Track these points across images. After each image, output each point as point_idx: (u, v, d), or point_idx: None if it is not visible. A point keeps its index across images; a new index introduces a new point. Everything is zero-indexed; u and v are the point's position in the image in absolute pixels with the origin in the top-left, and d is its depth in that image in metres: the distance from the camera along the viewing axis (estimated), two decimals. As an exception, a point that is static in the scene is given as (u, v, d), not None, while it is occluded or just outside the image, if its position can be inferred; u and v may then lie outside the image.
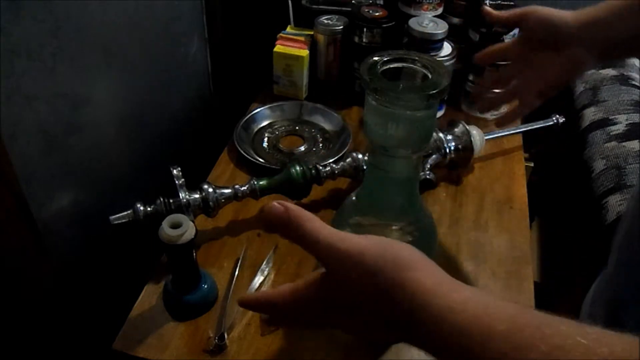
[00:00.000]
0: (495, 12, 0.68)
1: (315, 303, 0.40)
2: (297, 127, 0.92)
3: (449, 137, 0.80)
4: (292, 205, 0.39)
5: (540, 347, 0.30)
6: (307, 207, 0.45)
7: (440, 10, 0.97)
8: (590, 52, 0.60)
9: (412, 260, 0.37)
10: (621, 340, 0.29)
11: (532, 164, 1.09)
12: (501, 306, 0.34)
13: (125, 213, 0.63)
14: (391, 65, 0.52)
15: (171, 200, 0.65)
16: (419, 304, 0.35)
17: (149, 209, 0.64)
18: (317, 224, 0.39)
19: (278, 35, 0.95)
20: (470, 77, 0.96)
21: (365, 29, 0.92)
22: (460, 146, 0.80)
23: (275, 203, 0.39)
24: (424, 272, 0.36)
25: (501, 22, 0.69)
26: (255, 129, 0.91)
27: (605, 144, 1.07)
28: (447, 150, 0.79)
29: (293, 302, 0.40)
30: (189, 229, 0.55)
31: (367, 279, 0.36)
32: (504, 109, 0.87)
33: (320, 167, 0.74)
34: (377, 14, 0.92)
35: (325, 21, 0.94)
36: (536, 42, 0.64)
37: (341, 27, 0.93)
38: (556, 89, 0.65)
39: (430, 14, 0.94)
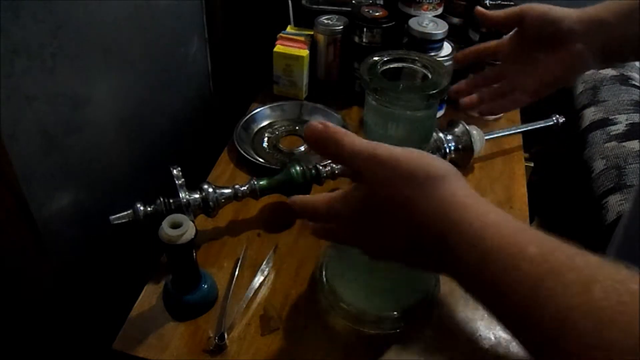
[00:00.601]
0: (489, 13, 0.65)
1: (351, 211, 0.41)
2: (297, 127, 0.92)
3: (449, 137, 0.80)
4: (329, 123, 0.41)
5: (570, 275, 0.30)
6: (307, 207, 0.45)
7: (440, 10, 0.97)
8: (593, 51, 0.58)
9: (445, 170, 0.38)
10: None
11: (532, 164, 1.09)
12: (531, 229, 0.34)
13: (125, 213, 0.63)
14: (391, 65, 0.52)
15: (171, 200, 0.65)
16: (451, 219, 0.35)
17: (149, 209, 0.64)
18: (354, 137, 0.41)
19: (278, 35, 0.95)
20: (471, 77, 0.96)
21: (365, 29, 0.92)
22: (460, 146, 0.80)
23: (314, 122, 0.41)
24: (454, 185, 0.37)
25: (498, 23, 0.65)
26: (255, 129, 0.91)
27: (605, 144, 1.07)
28: (447, 150, 0.79)
29: (329, 208, 0.42)
30: (189, 229, 0.55)
31: (400, 184, 0.37)
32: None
33: (320, 167, 0.74)
34: (377, 14, 0.92)
35: (325, 21, 0.94)
36: (533, 40, 0.62)
37: (341, 27, 0.93)
38: (552, 87, 0.63)
39: (430, 14, 0.94)
